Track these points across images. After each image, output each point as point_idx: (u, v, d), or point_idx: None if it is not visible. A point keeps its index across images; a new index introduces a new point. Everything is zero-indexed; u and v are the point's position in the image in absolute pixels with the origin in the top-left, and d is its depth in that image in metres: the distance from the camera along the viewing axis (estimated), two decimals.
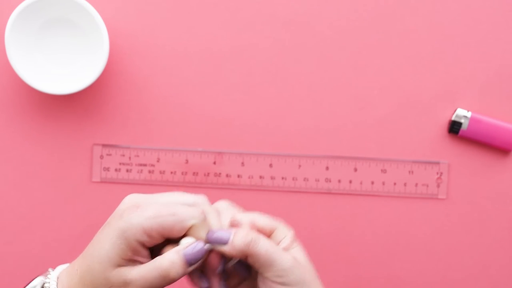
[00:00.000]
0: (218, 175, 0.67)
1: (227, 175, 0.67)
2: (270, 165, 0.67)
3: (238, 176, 0.67)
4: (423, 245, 0.68)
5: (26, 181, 0.67)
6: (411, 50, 0.67)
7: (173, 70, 0.67)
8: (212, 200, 0.54)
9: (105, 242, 0.44)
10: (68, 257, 0.51)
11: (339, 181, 0.68)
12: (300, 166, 0.67)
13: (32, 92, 0.66)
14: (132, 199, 0.46)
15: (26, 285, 0.47)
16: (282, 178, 0.68)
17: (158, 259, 0.44)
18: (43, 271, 0.48)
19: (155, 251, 0.46)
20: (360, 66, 0.67)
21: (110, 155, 0.67)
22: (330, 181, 0.68)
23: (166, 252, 0.44)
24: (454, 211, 0.68)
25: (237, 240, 0.44)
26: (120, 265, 0.44)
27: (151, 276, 0.44)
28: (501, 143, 0.67)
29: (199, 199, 0.46)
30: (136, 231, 0.43)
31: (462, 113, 0.67)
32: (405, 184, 0.68)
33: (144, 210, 0.44)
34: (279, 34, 0.67)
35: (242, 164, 0.67)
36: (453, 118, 0.67)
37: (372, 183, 0.68)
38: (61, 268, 0.47)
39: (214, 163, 0.67)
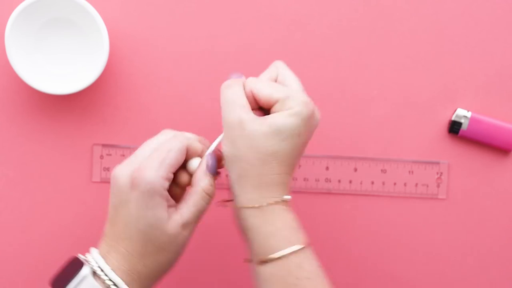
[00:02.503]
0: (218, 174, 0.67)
1: (227, 175, 0.67)
2: None
3: None
4: (423, 245, 0.68)
5: (26, 181, 0.67)
6: (411, 50, 0.67)
7: (173, 70, 0.67)
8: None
9: (145, 210, 0.47)
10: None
11: (339, 181, 0.68)
12: (300, 166, 0.67)
13: (32, 92, 0.66)
14: (124, 172, 0.49)
15: (70, 278, 0.47)
16: None
17: (196, 192, 0.50)
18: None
19: None
20: (360, 66, 0.67)
21: (110, 155, 0.67)
22: (330, 181, 0.68)
23: (198, 182, 0.50)
24: (454, 211, 0.68)
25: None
26: (169, 217, 0.48)
27: (197, 206, 0.49)
28: (501, 143, 0.67)
29: (168, 132, 0.52)
30: (160, 183, 0.48)
31: (462, 113, 0.67)
32: (405, 184, 0.68)
33: (149, 165, 0.48)
34: (279, 34, 0.67)
35: None
36: (453, 118, 0.67)
37: (372, 183, 0.68)
38: (98, 257, 0.48)
39: None
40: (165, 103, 0.67)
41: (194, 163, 0.52)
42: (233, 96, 0.50)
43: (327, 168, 0.67)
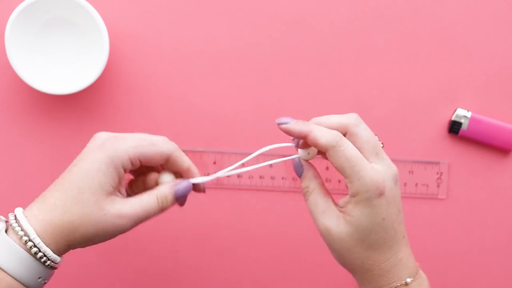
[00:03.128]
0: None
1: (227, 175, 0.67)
2: (270, 165, 0.67)
3: (238, 176, 0.67)
4: (423, 245, 0.68)
5: (26, 181, 0.67)
6: (411, 50, 0.67)
7: (173, 70, 0.67)
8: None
9: (94, 171, 0.47)
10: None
11: (339, 181, 0.68)
12: None
13: (32, 92, 0.66)
14: (104, 134, 0.49)
15: None
16: (282, 178, 0.68)
17: (150, 194, 0.49)
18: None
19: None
20: (360, 66, 0.67)
21: None
22: (330, 181, 0.68)
23: (158, 188, 0.49)
24: (454, 211, 0.68)
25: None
26: (110, 194, 0.47)
27: (144, 209, 0.48)
28: (501, 143, 0.67)
29: (164, 138, 0.51)
30: (123, 158, 0.47)
31: (462, 113, 0.67)
32: (405, 184, 0.68)
33: (127, 140, 0.48)
34: (279, 34, 0.67)
35: (242, 164, 0.67)
36: (453, 118, 0.67)
37: None
38: (19, 209, 0.48)
39: (214, 163, 0.67)
40: (165, 103, 0.67)
41: (165, 178, 0.51)
42: (311, 205, 0.49)
43: (327, 168, 0.67)
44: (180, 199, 0.50)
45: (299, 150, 0.51)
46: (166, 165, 0.51)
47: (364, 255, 0.47)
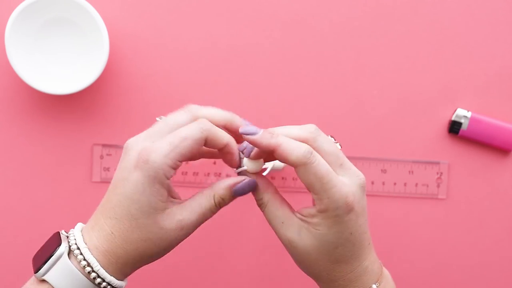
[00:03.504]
0: (218, 175, 0.67)
1: (227, 175, 0.67)
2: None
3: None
4: (423, 245, 0.68)
5: (26, 181, 0.67)
6: (411, 50, 0.67)
7: (173, 70, 0.67)
8: None
9: (141, 195, 0.44)
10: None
11: None
12: None
13: (32, 92, 0.66)
14: (135, 145, 0.46)
15: (47, 258, 0.45)
16: (282, 178, 0.68)
17: (207, 196, 0.46)
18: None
19: None
20: (360, 66, 0.67)
21: (110, 155, 0.67)
22: None
23: (214, 188, 0.46)
24: (454, 211, 0.68)
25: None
26: (165, 208, 0.45)
27: (204, 214, 0.46)
28: (501, 143, 0.67)
29: (190, 113, 0.47)
30: (164, 170, 0.44)
31: (462, 113, 0.67)
32: (405, 184, 0.68)
33: (160, 149, 0.44)
34: (279, 34, 0.67)
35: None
36: (453, 118, 0.67)
37: (372, 183, 0.68)
38: (79, 235, 0.46)
39: (214, 163, 0.67)
40: (165, 103, 0.67)
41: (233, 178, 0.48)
42: (269, 217, 0.48)
43: None
44: (237, 195, 0.47)
45: (245, 160, 0.48)
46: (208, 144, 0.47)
47: (329, 267, 0.46)
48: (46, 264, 0.45)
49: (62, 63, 0.65)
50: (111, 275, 0.45)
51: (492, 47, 0.67)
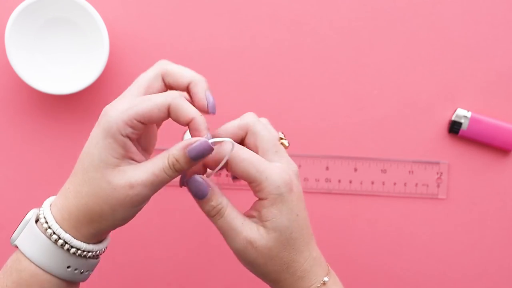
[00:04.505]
0: (218, 175, 0.67)
1: (227, 175, 0.67)
2: None
3: None
4: (423, 245, 0.68)
5: (26, 181, 0.67)
6: (411, 50, 0.67)
7: None
8: None
9: (94, 148, 0.44)
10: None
11: (339, 181, 0.68)
12: (300, 166, 0.67)
13: (32, 92, 0.66)
14: (106, 106, 0.45)
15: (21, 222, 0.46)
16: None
17: (160, 156, 0.44)
18: None
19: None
20: (360, 66, 0.67)
21: None
22: (330, 181, 0.68)
23: (170, 149, 0.44)
24: (454, 211, 0.68)
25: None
26: (117, 165, 0.44)
27: (156, 174, 0.44)
28: (501, 143, 0.67)
29: (159, 67, 0.47)
30: (118, 125, 0.43)
31: (462, 113, 0.67)
32: (405, 184, 0.68)
33: (120, 104, 0.44)
34: (279, 34, 0.67)
35: None
36: (453, 118, 0.67)
37: (372, 183, 0.68)
38: (48, 200, 0.47)
39: None
40: None
41: (186, 137, 0.48)
42: (229, 219, 0.46)
43: (327, 168, 0.67)
44: (195, 161, 0.44)
45: (209, 170, 0.48)
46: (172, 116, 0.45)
47: (289, 258, 0.46)
48: (17, 230, 0.46)
49: (62, 63, 0.65)
50: (66, 232, 0.44)
51: (492, 47, 0.67)
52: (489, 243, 0.68)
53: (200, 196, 0.46)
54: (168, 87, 0.47)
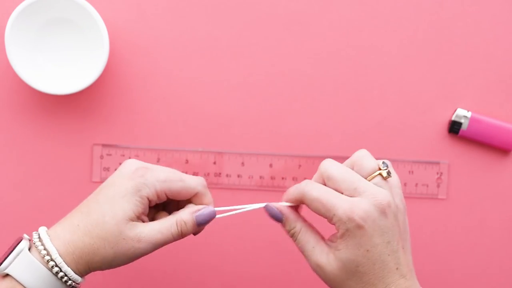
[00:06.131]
0: (218, 175, 0.67)
1: (227, 175, 0.67)
2: (270, 165, 0.67)
3: (238, 176, 0.67)
4: (423, 245, 0.68)
5: (26, 181, 0.67)
6: (411, 50, 0.67)
7: (173, 70, 0.67)
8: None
9: (119, 199, 0.48)
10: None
11: None
12: (300, 166, 0.67)
13: (32, 92, 0.66)
14: (136, 163, 0.50)
15: (9, 252, 0.47)
16: (282, 178, 0.68)
17: (171, 218, 0.49)
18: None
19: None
20: (360, 66, 0.67)
21: (110, 155, 0.67)
22: None
23: (179, 213, 0.50)
24: (454, 211, 0.68)
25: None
26: (132, 219, 0.48)
27: (163, 234, 0.49)
28: (501, 143, 0.67)
29: (192, 176, 0.53)
30: (150, 190, 0.49)
31: (462, 113, 0.67)
32: (405, 184, 0.68)
33: (156, 173, 0.49)
34: (279, 34, 0.67)
35: (242, 164, 0.67)
36: (453, 118, 0.67)
37: None
38: (43, 229, 0.49)
39: (214, 163, 0.67)
40: (165, 103, 0.67)
41: (192, 206, 0.52)
42: (302, 243, 0.51)
43: None
44: (199, 224, 0.51)
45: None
46: (192, 200, 0.52)
47: (361, 285, 0.47)
48: (8, 257, 0.47)
49: (62, 63, 0.65)
50: (68, 266, 0.47)
51: (492, 47, 0.67)
52: (489, 243, 0.68)
53: (277, 220, 0.51)
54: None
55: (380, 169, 0.49)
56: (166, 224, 0.49)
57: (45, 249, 0.47)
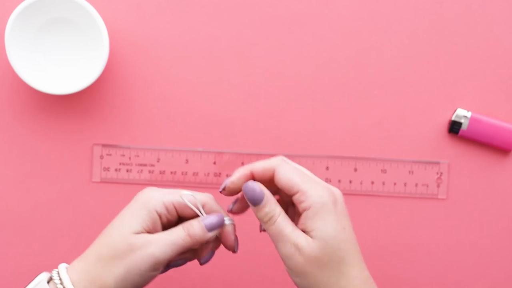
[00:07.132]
0: (218, 175, 0.67)
1: (227, 175, 0.67)
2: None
3: None
4: (423, 245, 0.68)
5: (26, 181, 0.67)
6: (411, 50, 0.67)
7: (173, 70, 0.67)
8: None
9: (125, 217, 0.48)
10: (68, 257, 0.51)
11: (339, 181, 0.68)
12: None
13: (32, 92, 0.66)
14: (145, 188, 0.51)
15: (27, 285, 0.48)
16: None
17: (179, 226, 0.49)
18: (44, 270, 0.49)
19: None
20: (360, 66, 0.67)
21: (110, 155, 0.67)
22: (330, 181, 0.68)
23: (189, 221, 0.49)
24: (454, 211, 0.68)
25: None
26: (139, 233, 0.48)
27: (171, 235, 0.48)
28: (501, 143, 0.67)
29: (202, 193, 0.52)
30: (157, 203, 0.48)
31: (462, 113, 0.67)
32: (405, 184, 0.68)
33: (163, 189, 0.50)
34: (279, 34, 0.67)
35: (242, 164, 0.67)
36: (453, 118, 0.67)
37: (372, 183, 0.68)
38: (62, 266, 0.49)
39: (214, 163, 0.67)
40: (165, 103, 0.67)
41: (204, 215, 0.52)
42: (280, 227, 0.48)
43: (327, 168, 0.67)
44: (211, 230, 0.49)
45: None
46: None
47: (338, 270, 0.46)
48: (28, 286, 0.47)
49: (62, 63, 0.65)
50: None
51: (492, 47, 0.67)
52: (489, 243, 0.68)
53: (255, 202, 0.48)
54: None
55: None
56: (174, 230, 0.49)
57: (59, 278, 0.47)
